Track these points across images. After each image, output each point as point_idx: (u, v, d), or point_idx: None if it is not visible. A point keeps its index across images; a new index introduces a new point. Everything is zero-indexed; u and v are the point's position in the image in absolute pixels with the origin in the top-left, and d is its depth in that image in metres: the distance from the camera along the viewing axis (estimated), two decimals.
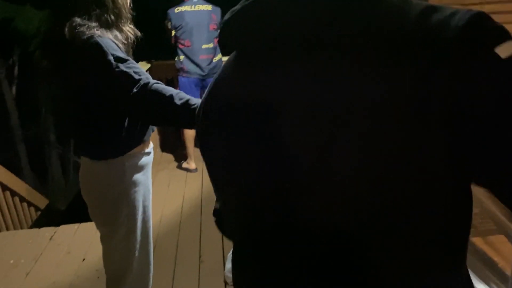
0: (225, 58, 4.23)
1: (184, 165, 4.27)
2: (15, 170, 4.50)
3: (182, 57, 3.92)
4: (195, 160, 4.25)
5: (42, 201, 4.17)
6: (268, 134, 0.59)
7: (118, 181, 1.64)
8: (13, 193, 3.67)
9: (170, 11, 3.88)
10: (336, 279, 0.59)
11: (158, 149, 4.71)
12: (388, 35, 0.51)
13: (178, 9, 3.85)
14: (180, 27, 3.85)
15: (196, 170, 4.22)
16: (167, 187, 3.89)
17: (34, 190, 4.06)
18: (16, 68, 8.41)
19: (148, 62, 4.74)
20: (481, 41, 0.47)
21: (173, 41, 3.94)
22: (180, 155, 4.44)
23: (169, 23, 3.88)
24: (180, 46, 3.90)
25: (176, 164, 4.37)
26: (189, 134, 4.10)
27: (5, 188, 3.55)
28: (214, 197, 0.83)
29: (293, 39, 0.57)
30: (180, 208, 3.50)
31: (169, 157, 4.55)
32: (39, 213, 4.10)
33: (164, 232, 3.09)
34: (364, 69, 0.51)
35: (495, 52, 0.46)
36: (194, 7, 3.88)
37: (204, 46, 3.90)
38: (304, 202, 0.58)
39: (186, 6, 3.86)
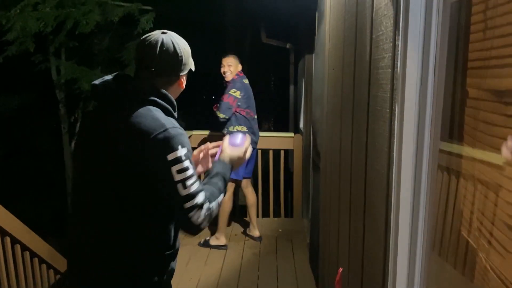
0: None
1: (213, 241, 3.96)
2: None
3: (244, 128, 3.82)
4: (225, 236, 4.01)
5: (63, 264, 3.97)
6: None
7: None
8: (33, 254, 3.48)
9: (238, 80, 3.82)
10: None
11: None
12: None
13: (245, 80, 3.85)
14: (246, 97, 3.81)
15: (226, 247, 3.92)
16: (185, 265, 3.55)
17: (56, 252, 3.88)
18: (78, 124, 8.79)
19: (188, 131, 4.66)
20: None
21: (233, 111, 3.81)
22: (206, 231, 4.13)
23: (238, 92, 3.78)
24: (247, 116, 3.84)
25: (200, 240, 4.05)
26: (225, 210, 3.89)
27: (25, 248, 3.38)
28: (232, 284, 0.77)
29: None
30: None
31: None
32: (58, 276, 3.89)
33: None
34: None
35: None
36: (247, 80, 3.93)
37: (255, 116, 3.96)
38: None
39: (245, 79, 3.89)
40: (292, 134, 4.82)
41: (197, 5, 6.74)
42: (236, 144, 1.63)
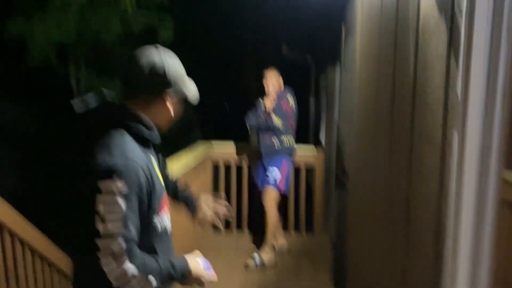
0: None
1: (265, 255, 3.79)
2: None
3: (293, 140, 3.88)
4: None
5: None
6: None
7: None
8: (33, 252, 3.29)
9: (288, 91, 3.82)
10: None
11: (206, 232, 4.37)
12: None
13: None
14: (296, 109, 3.82)
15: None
16: None
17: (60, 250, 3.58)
18: None
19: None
20: None
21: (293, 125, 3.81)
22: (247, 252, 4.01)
23: (292, 101, 3.77)
24: (294, 129, 3.83)
25: (247, 263, 3.95)
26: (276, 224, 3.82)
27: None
28: None
29: None
30: None
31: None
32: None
33: None
34: None
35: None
36: None
37: None
38: None
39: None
40: (313, 148, 4.72)
41: (217, 18, 6.75)
42: (206, 267, 1.48)
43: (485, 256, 0.97)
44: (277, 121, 3.67)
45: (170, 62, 1.36)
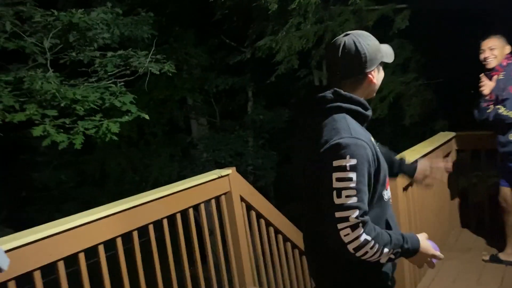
0: None
1: (505, 256, 3.29)
2: None
3: None
4: None
5: None
6: None
7: None
8: (294, 245, 3.70)
9: None
10: None
11: (454, 229, 3.99)
12: None
13: None
14: None
15: None
16: (452, 283, 3.16)
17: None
18: None
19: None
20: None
21: None
22: (479, 242, 3.57)
23: None
24: None
25: (472, 254, 3.53)
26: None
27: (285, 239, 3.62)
28: None
29: None
30: None
31: (466, 243, 3.75)
32: None
33: None
34: None
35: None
36: None
37: None
38: None
39: None
40: None
41: None
42: (434, 248, 1.49)
43: None
44: (507, 111, 2.93)
45: (365, 41, 1.46)
